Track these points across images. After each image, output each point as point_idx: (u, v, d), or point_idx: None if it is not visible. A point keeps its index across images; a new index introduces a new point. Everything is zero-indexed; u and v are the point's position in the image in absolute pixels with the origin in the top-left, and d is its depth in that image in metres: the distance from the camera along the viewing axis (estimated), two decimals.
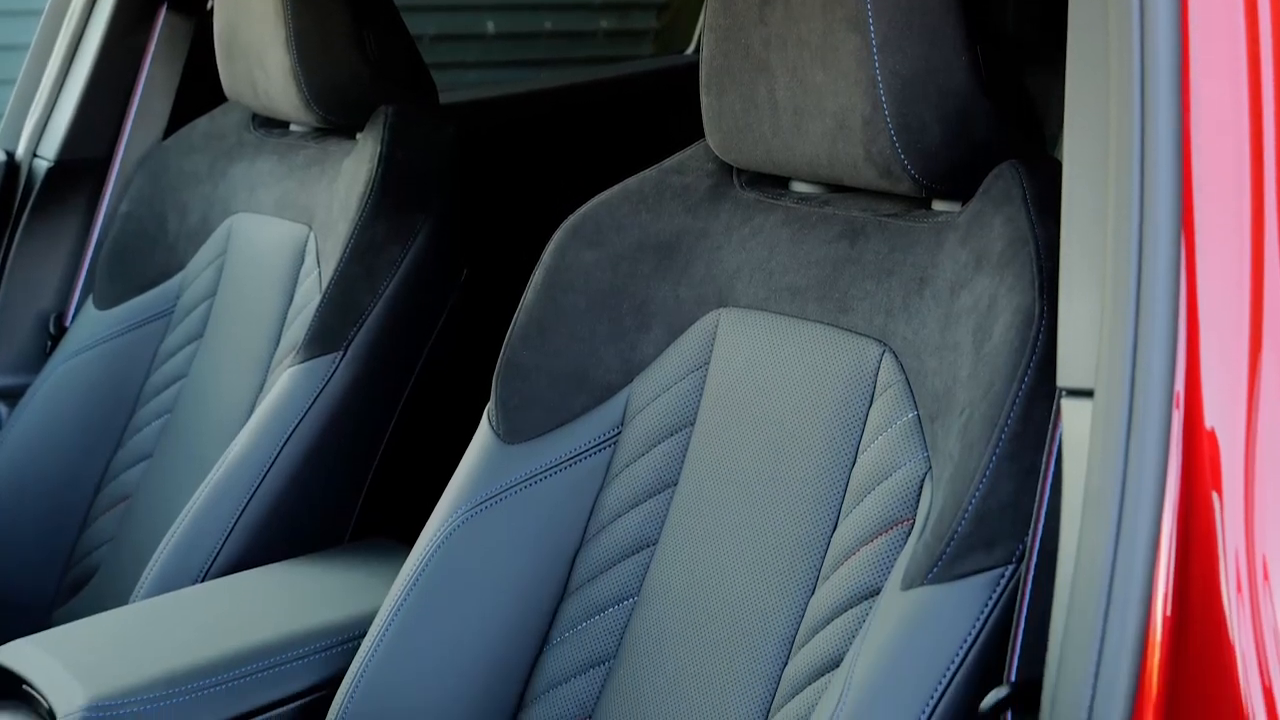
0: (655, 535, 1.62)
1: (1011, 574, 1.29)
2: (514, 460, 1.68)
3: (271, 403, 2.08)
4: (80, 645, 1.75)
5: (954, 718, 1.27)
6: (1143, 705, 1.04)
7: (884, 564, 1.40)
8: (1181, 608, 1.06)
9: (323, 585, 1.92)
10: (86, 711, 1.59)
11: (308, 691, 1.71)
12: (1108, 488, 1.08)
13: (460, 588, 1.64)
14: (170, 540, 2.03)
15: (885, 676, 1.30)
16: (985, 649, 1.28)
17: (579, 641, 1.62)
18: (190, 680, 1.65)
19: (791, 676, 1.44)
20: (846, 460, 1.49)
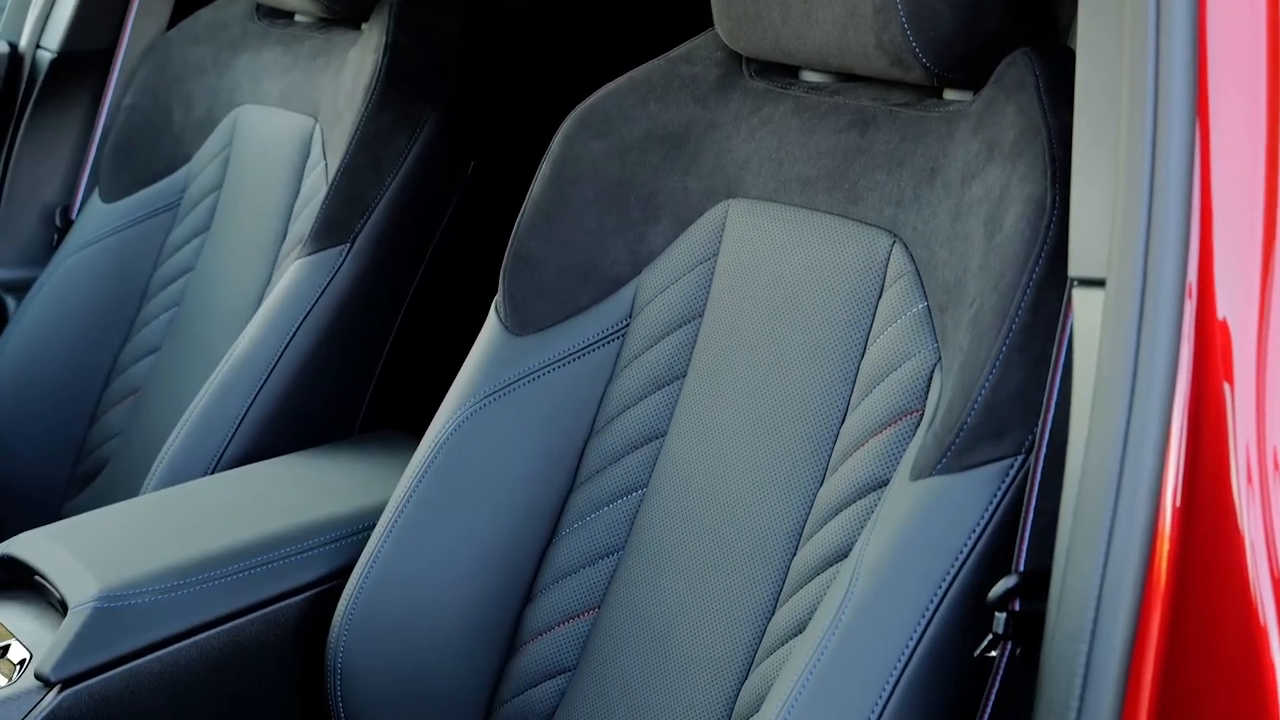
0: (664, 427, 1.62)
1: (1020, 464, 1.29)
2: (522, 352, 1.67)
3: (279, 295, 2.08)
4: (91, 536, 1.76)
5: (962, 607, 1.28)
6: (1151, 595, 1.04)
7: (893, 455, 1.40)
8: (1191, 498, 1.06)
9: (332, 477, 1.93)
10: (98, 601, 1.60)
11: (317, 583, 1.71)
12: (1118, 378, 1.08)
13: (469, 479, 1.65)
14: (179, 433, 2.04)
15: (893, 566, 1.30)
16: (994, 539, 1.28)
17: (588, 533, 1.63)
18: (200, 571, 1.66)
19: (800, 567, 1.45)
20: (856, 351, 1.48)
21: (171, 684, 1.61)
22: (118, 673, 1.58)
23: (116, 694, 1.58)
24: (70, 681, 1.56)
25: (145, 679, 1.60)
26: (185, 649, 1.62)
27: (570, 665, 1.60)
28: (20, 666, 1.60)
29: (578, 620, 1.61)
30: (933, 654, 1.27)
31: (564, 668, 1.61)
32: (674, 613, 1.53)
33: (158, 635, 1.61)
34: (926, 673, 1.27)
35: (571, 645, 1.61)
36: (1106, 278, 1.11)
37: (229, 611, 1.65)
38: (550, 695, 1.61)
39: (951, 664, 1.28)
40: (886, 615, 1.29)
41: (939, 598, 1.28)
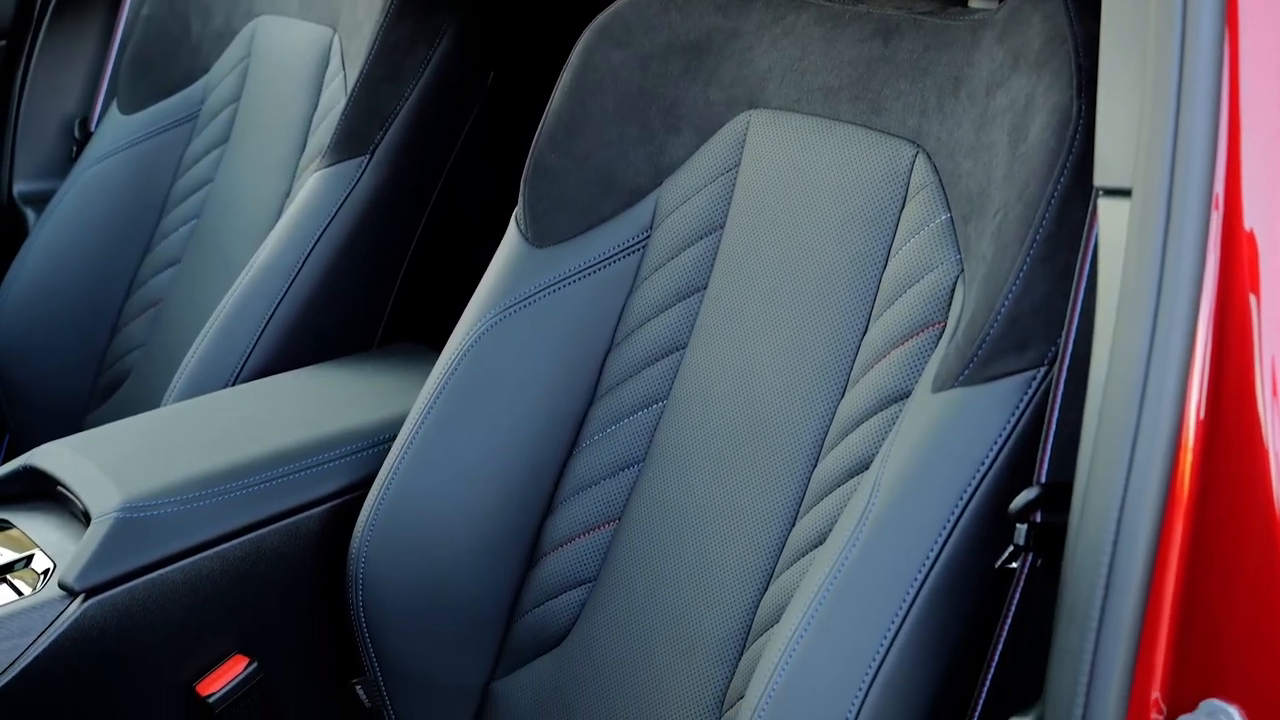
0: (684, 339, 1.62)
1: (1043, 376, 1.28)
2: (542, 264, 1.67)
3: (298, 207, 2.07)
4: (113, 447, 1.76)
5: (983, 519, 1.28)
6: (1173, 507, 1.04)
7: (914, 367, 1.39)
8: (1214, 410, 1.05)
9: (352, 389, 1.93)
10: (120, 512, 1.61)
11: (339, 494, 1.72)
12: (1143, 289, 1.07)
13: (489, 392, 1.65)
14: (200, 345, 2.04)
15: (914, 478, 1.30)
16: (1016, 451, 1.28)
17: (608, 445, 1.63)
18: (222, 482, 1.66)
19: (820, 479, 1.45)
20: (878, 263, 1.47)
21: (194, 594, 1.62)
22: (140, 582, 1.59)
23: (139, 603, 1.59)
24: (94, 591, 1.57)
25: (168, 589, 1.61)
26: (207, 559, 1.63)
27: (591, 576, 1.61)
28: (44, 576, 1.61)
29: (598, 532, 1.62)
30: (953, 565, 1.28)
31: (584, 579, 1.61)
32: (694, 524, 1.53)
33: (180, 545, 1.62)
34: (947, 583, 1.28)
35: (592, 556, 1.61)
36: (1132, 187, 1.10)
37: (251, 522, 1.66)
38: (571, 606, 1.61)
39: (972, 575, 1.28)
40: (907, 526, 1.29)
41: (960, 509, 1.28)
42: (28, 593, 1.59)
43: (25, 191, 2.59)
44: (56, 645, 1.55)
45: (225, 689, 1.65)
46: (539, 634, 1.62)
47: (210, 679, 1.65)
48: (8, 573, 1.64)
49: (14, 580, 1.62)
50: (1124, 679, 1.02)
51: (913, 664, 1.28)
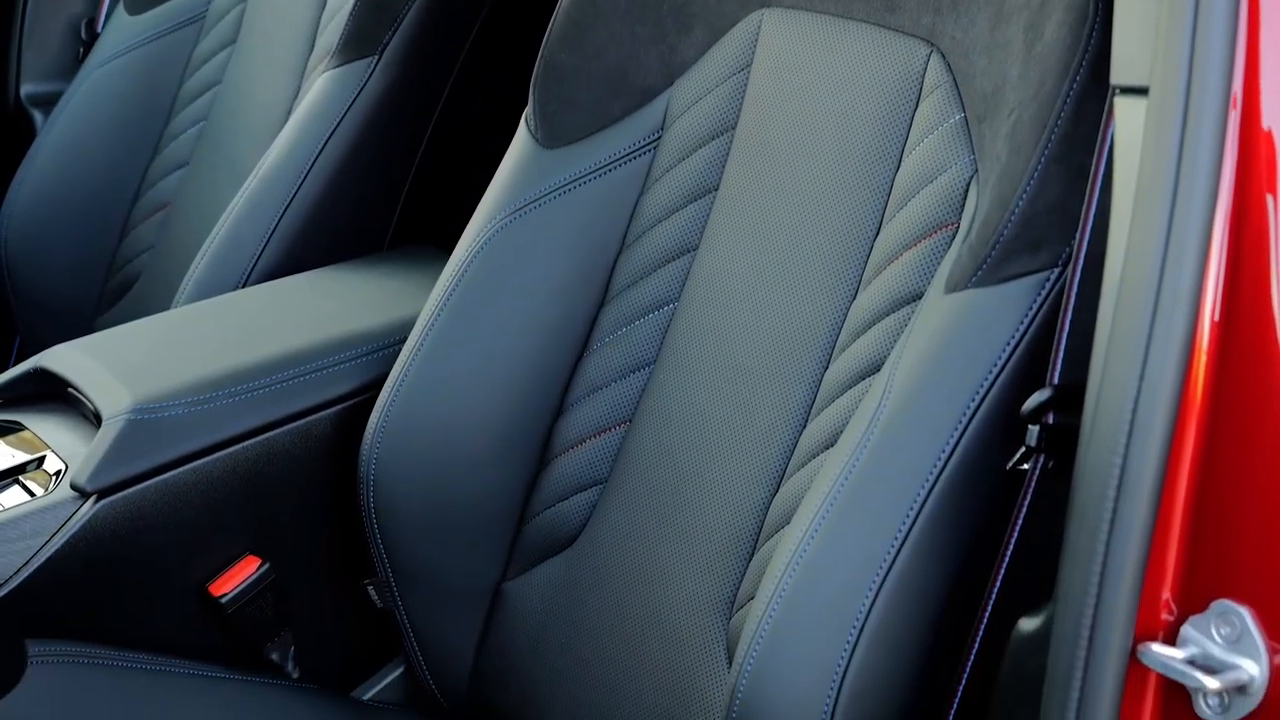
0: (695, 241, 1.61)
1: (1057, 277, 1.28)
2: (552, 165, 1.66)
3: (307, 108, 2.06)
4: (123, 349, 1.76)
5: (995, 420, 1.27)
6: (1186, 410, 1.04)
7: (927, 268, 1.39)
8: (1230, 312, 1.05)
9: (362, 291, 1.92)
10: (131, 414, 1.61)
11: (350, 395, 1.72)
12: (1159, 189, 1.06)
13: (500, 293, 1.64)
14: (209, 247, 2.03)
15: (926, 379, 1.30)
16: (1028, 353, 1.28)
17: (619, 346, 1.63)
18: (233, 384, 1.66)
19: (832, 381, 1.44)
20: (891, 163, 1.46)
21: (205, 495, 1.63)
22: (152, 483, 1.60)
23: (151, 504, 1.59)
24: (106, 492, 1.58)
25: (179, 490, 1.61)
26: (219, 460, 1.63)
27: (601, 478, 1.61)
28: (56, 477, 1.62)
29: (609, 434, 1.62)
30: (965, 466, 1.28)
31: (595, 481, 1.62)
32: (705, 425, 1.53)
33: (191, 447, 1.62)
34: (958, 485, 1.28)
35: (602, 458, 1.61)
36: (1149, 85, 1.09)
37: (262, 424, 1.66)
38: (581, 508, 1.62)
39: (983, 476, 1.28)
40: (919, 427, 1.29)
41: (972, 410, 1.28)
42: (40, 494, 1.60)
43: (32, 93, 2.57)
44: (69, 546, 1.55)
45: (237, 590, 1.66)
46: (550, 535, 1.63)
47: (222, 580, 1.66)
48: (19, 474, 1.64)
49: (26, 482, 1.63)
50: (1135, 579, 1.02)
51: (923, 565, 1.28)
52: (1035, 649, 1.12)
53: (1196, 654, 1.02)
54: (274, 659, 1.72)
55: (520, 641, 1.63)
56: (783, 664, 1.28)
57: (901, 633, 1.29)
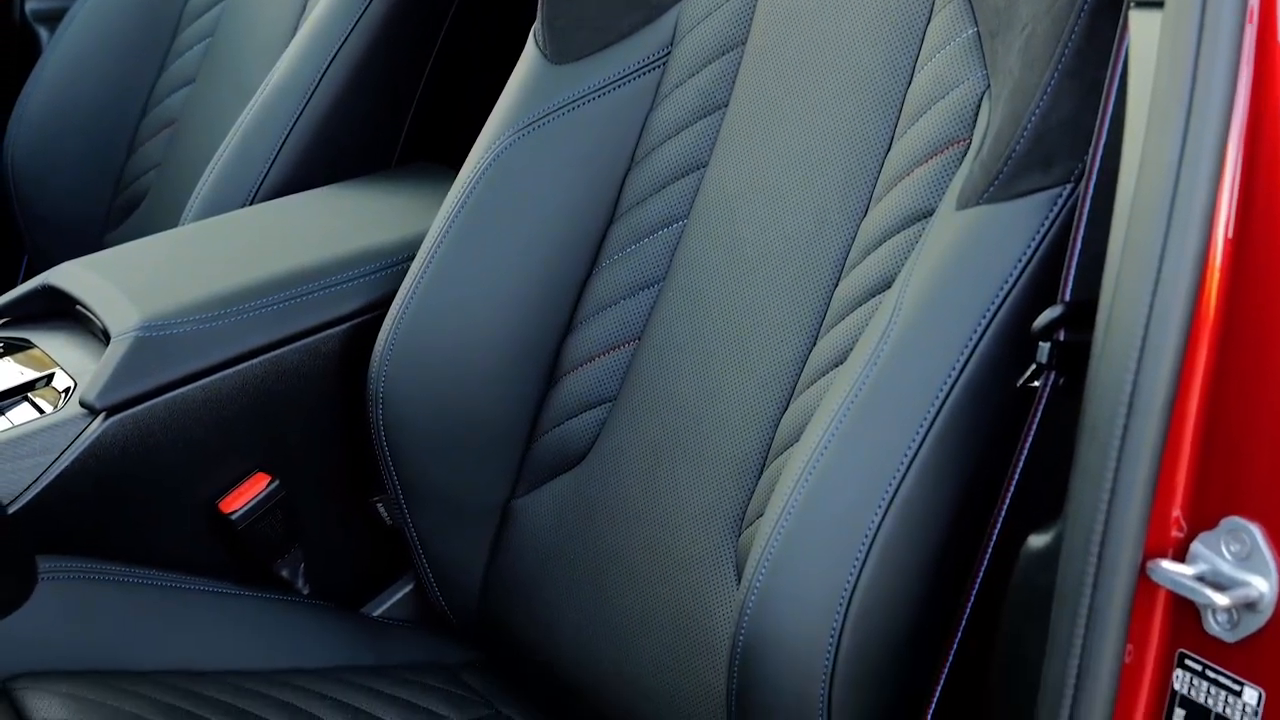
0: (705, 157, 1.60)
1: (1069, 193, 1.27)
2: (561, 81, 1.64)
3: (313, 25, 2.04)
4: (131, 266, 1.76)
5: (1006, 337, 1.27)
6: (1199, 327, 1.03)
7: (939, 184, 1.38)
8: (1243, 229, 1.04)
9: (370, 209, 1.92)
10: (140, 331, 1.61)
11: (358, 313, 1.72)
12: (1173, 103, 1.05)
13: (508, 211, 1.64)
14: (216, 165, 2.02)
15: (937, 296, 1.29)
16: (1040, 269, 1.27)
17: (628, 264, 1.62)
18: (241, 301, 1.66)
19: (842, 298, 1.44)
20: (902, 79, 1.45)
21: (214, 412, 1.63)
22: (161, 401, 1.60)
23: (160, 421, 1.60)
24: (115, 409, 1.58)
25: (188, 407, 1.61)
26: (228, 378, 1.63)
27: (610, 396, 1.61)
28: (65, 395, 1.62)
29: (617, 351, 1.62)
30: (975, 383, 1.27)
31: (604, 398, 1.61)
32: (713, 343, 1.53)
33: (200, 364, 1.62)
34: (968, 402, 1.27)
35: (611, 376, 1.61)
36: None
37: (270, 341, 1.66)
38: (590, 425, 1.62)
39: (994, 393, 1.28)
40: (929, 344, 1.28)
41: (983, 327, 1.27)
42: (49, 411, 1.60)
43: (37, 9, 2.56)
44: (79, 463, 1.56)
45: (247, 506, 1.67)
46: (559, 453, 1.63)
47: (232, 497, 1.67)
48: (29, 391, 1.64)
49: (35, 399, 1.63)
50: (1145, 496, 1.02)
51: (933, 483, 1.28)
52: (1044, 566, 1.12)
53: (1206, 571, 1.02)
54: (284, 576, 1.73)
55: (529, 558, 1.64)
56: (791, 580, 1.28)
57: (910, 549, 1.29)
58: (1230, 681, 1.02)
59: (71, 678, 1.52)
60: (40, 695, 1.48)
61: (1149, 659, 1.06)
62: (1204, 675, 1.03)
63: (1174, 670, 1.05)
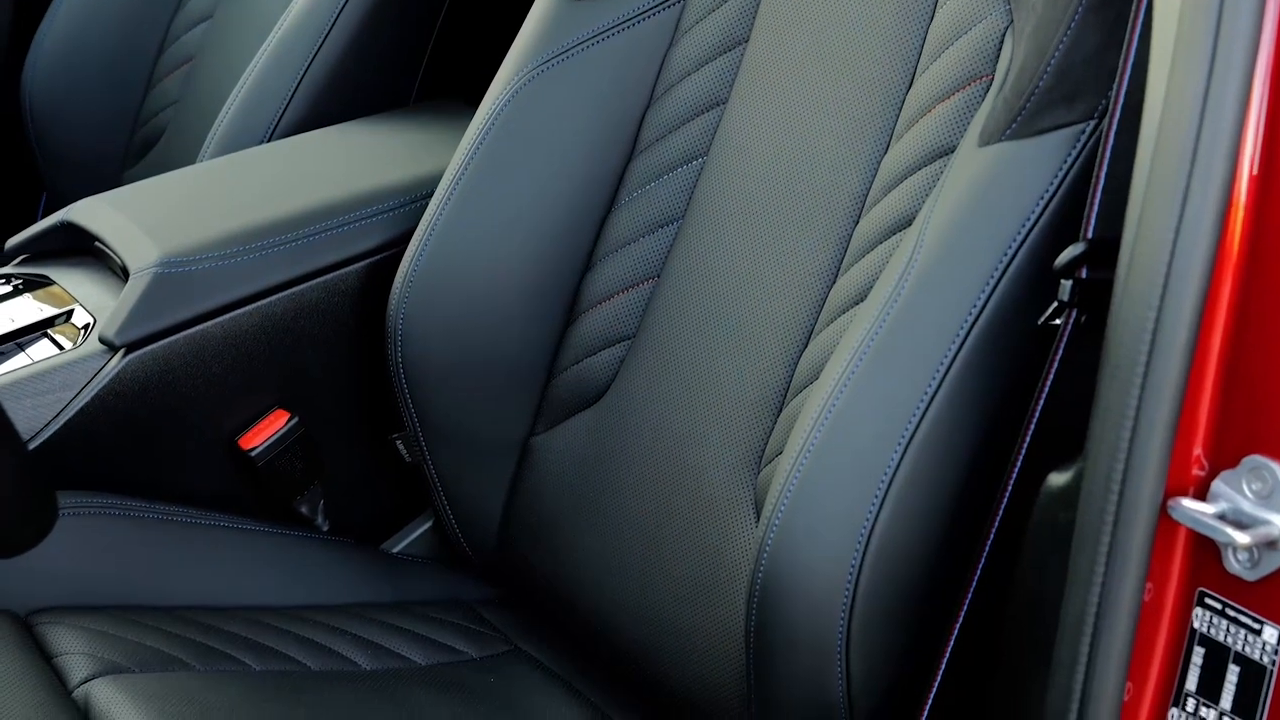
0: (724, 95, 1.59)
1: (1093, 130, 1.26)
2: (579, 17, 1.63)
3: None
4: (150, 203, 1.76)
5: (1027, 275, 1.26)
6: (1223, 264, 1.02)
7: (961, 121, 1.37)
8: (1269, 165, 1.03)
9: (389, 145, 1.91)
10: (159, 267, 1.61)
11: (377, 250, 1.72)
12: (1199, 37, 1.04)
13: (527, 147, 1.63)
14: (233, 102, 2.02)
15: (958, 233, 1.28)
16: (1062, 206, 1.26)
17: (647, 201, 1.61)
18: (260, 238, 1.66)
19: (862, 236, 1.43)
20: (924, 15, 1.44)
21: (234, 349, 1.63)
22: (180, 337, 1.60)
23: (180, 358, 1.60)
24: (134, 346, 1.58)
25: (208, 344, 1.61)
26: (247, 314, 1.63)
27: (629, 334, 1.61)
28: (84, 331, 1.62)
29: (636, 289, 1.61)
30: (996, 321, 1.27)
31: (622, 336, 1.61)
32: (732, 281, 1.53)
33: (219, 301, 1.62)
34: (989, 339, 1.27)
35: (630, 314, 1.61)
36: None
37: (290, 278, 1.66)
38: (609, 363, 1.61)
39: (1015, 331, 1.27)
40: (950, 281, 1.28)
41: (1004, 264, 1.27)
42: (68, 348, 1.60)
43: None
44: (99, 399, 1.56)
45: (267, 443, 1.67)
46: (578, 390, 1.63)
47: (252, 433, 1.67)
48: (48, 328, 1.65)
49: (55, 335, 1.63)
50: (1166, 434, 1.02)
51: (953, 421, 1.28)
52: (1065, 504, 1.12)
53: (1227, 509, 1.01)
54: (303, 512, 1.73)
55: (548, 496, 1.64)
56: (811, 518, 1.28)
57: (930, 486, 1.29)
58: (1250, 620, 1.02)
59: (92, 612, 1.52)
60: (61, 629, 1.49)
61: (1169, 597, 1.05)
62: (1224, 614, 1.03)
63: (1194, 609, 1.04)
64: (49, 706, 1.38)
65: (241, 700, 1.46)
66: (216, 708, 1.43)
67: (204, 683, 1.47)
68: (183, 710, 1.41)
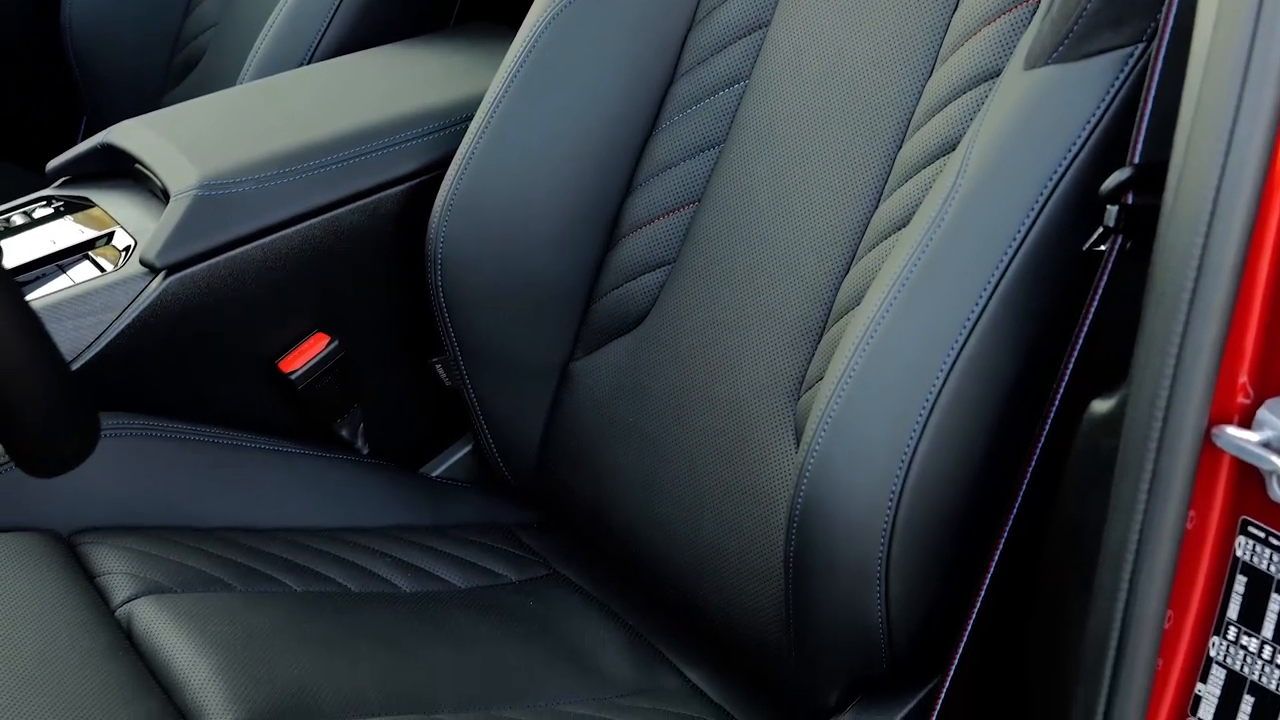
0: (768, 15, 1.57)
1: (1140, 53, 1.24)
2: None
3: None
4: (190, 125, 1.76)
5: (1073, 200, 1.25)
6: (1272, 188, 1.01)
7: (1006, 44, 1.35)
8: None
9: (429, 68, 1.90)
10: (199, 189, 1.60)
11: (417, 173, 1.71)
12: None
13: (567, 71, 1.62)
14: (273, 24, 2.01)
15: (1003, 157, 1.27)
16: (1109, 131, 1.25)
17: (689, 125, 1.60)
18: (300, 160, 1.65)
19: (905, 160, 1.42)
20: None
21: (274, 272, 1.63)
22: (221, 260, 1.60)
23: (220, 281, 1.60)
24: (175, 268, 1.58)
25: (248, 266, 1.61)
26: (287, 238, 1.63)
27: (669, 259, 1.60)
28: (125, 253, 1.63)
29: (677, 214, 1.60)
30: (1040, 246, 1.26)
31: (663, 261, 1.60)
32: (774, 206, 1.52)
33: (259, 224, 1.62)
34: (1033, 265, 1.26)
35: (671, 239, 1.60)
36: None
37: (329, 201, 1.66)
38: (649, 288, 1.61)
39: (1059, 257, 1.26)
40: (994, 207, 1.27)
41: (1049, 189, 1.25)
42: (109, 270, 1.61)
43: None
44: (140, 321, 1.56)
45: (307, 366, 1.67)
46: (617, 315, 1.62)
47: (292, 356, 1.67)
48: (89, 250, 1.65)
49: (96, 257, 1.64)
50: (1212, 361, 1.01)
51: (996, 347, 1.27)
52: (1108, 431, 1.11)
53: (1272, 437, 1.01)
54: (343, 436, 1.74)
55: (587, 420, 1.64)
56: (852, 442, 1.28)
57: (972, 412, 1.28)
58: None
59: (134, 533, 1.54)
60: (104, 549, 1.50)
61: (1211, 525, 1.05)
62: (1266, 542, 1.02)
63: (1236, 537, 1.04)
64: (92, 625, 1.39)
65: (283, 621, 1.47)
66: (257, 628, 1.44)
67: (245, 603, 1.48)
68: (224, 630, 1.42)
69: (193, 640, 1.39)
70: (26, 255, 1.64)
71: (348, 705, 1.37)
